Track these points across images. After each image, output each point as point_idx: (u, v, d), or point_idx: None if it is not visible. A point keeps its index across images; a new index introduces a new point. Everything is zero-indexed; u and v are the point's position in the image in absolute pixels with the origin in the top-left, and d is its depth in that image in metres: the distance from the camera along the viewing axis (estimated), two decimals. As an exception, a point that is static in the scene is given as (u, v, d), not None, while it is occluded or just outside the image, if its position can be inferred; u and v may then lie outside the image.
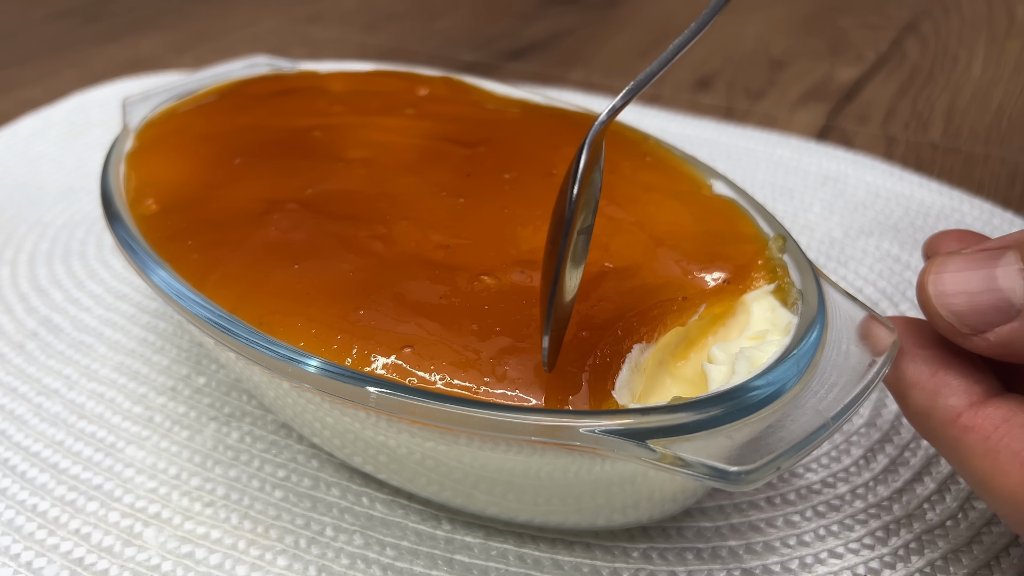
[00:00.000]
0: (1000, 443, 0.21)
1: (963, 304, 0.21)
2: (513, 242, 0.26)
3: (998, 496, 0.21)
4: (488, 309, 0.23)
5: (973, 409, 0.21)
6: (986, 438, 0.21)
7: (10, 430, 0.32)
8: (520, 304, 0.24)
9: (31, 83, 0.61)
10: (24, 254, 0.42)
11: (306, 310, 0.24)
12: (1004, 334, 0.21)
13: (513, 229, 0.26)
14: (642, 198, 0.28)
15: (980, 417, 0.21)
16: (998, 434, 0.21)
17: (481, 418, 0.20)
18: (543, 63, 0.65)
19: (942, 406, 0.22)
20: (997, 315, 0.21)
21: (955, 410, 0.22)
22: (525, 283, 0.24)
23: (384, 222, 0.27)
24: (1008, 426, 0.21)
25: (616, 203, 0.28)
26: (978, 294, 0.21)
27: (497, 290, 0.24)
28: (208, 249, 0.26)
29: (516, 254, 0.25)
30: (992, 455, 0.21)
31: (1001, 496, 0.21)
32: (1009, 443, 0.20)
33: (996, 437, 0.21)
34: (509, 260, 0.25)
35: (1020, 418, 0.21)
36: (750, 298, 0.25)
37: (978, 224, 0.43)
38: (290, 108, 0.34)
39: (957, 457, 0.22)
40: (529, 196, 0.28)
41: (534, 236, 0.26)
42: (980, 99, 0.57)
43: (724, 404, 0.21)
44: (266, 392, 0.27)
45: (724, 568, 0.26)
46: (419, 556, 0.27)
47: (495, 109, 0.34)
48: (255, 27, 0.74)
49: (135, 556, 0.27)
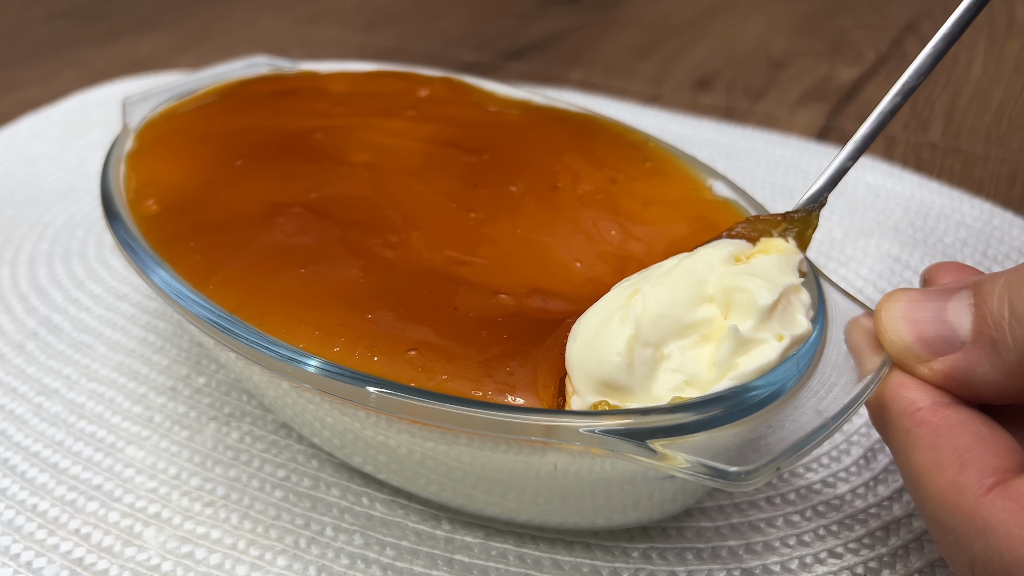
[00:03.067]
0: (949, 441, 0.21)
1: (910, 333, 0.22)
2: (530, 268, 0.26)
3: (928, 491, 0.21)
4: (501, 321, 0.23)
5: (933, 409, 0.22)
6: (937, 434, 0.21)
7: (10, 430, 0.32)
8: (537, 325, 0.24)
9: (31, 83, 0.61)
10: (24, 254, 0.42)
11: (310, 314, 0.24)
12: (948, 363, 0.21)
13: (529, 253, 0.27)
14: (643, 214, 0.28)
15: (938, 416, 0.21)
16: (949, 432, 0.21)
17: (481, 418, 0.21)
18: (543, 63, 0.65)
19: (903, 398, 0.22)
20: (942, 345, 0.21)
21: (915, 403, 0.22)
22: (544, 308, 0.24)
23: (395, 231, 0.27)
24: (962, 429, 0.21)
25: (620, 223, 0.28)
26: (925, 323, 0.22)
27: (515, 309, 0.24)
28: (211, 251, 0.26)
29: (533, 283, 0.25)
30: (936, 449, 0.21)
31: (931, 491, 0.20)
32: (956, 443, 0.20)
33: (947, 435, 0.21)
34: (529, 287, 0.25)
35: (977, 427, 0.21)
36: None
37: (978, 224, 0.43)
38: (291, 109, 0.34)
39: (903, 446, 0.22)
40: (538, 214, 0.28)
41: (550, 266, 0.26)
42: (980, 99, 0.57)
43: (724, 404, 0.21)
44: (266, 392, 0.27)
45: (724, 568, 0.26)
46: (419, 556, 0.27)
47: (496, 111, 0.34)
48: (255, 27, 0.74)
49: (135, 556, 0.27)
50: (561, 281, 0.25)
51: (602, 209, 0.28)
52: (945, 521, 0.20)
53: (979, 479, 0.20)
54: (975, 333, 0.21)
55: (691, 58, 0.65)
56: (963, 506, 0.20)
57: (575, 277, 0.26)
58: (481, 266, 0.26)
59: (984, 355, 0.21)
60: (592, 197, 0.29)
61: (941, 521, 0.20)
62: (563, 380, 0.22)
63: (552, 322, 0.24)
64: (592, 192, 0.29)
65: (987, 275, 0.22)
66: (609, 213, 0.28)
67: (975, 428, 0.21)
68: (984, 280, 0.21)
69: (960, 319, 0.21)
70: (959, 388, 0.21)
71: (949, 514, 0.20)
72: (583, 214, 0.28)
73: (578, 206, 0.28)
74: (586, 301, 0.24)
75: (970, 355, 0.21)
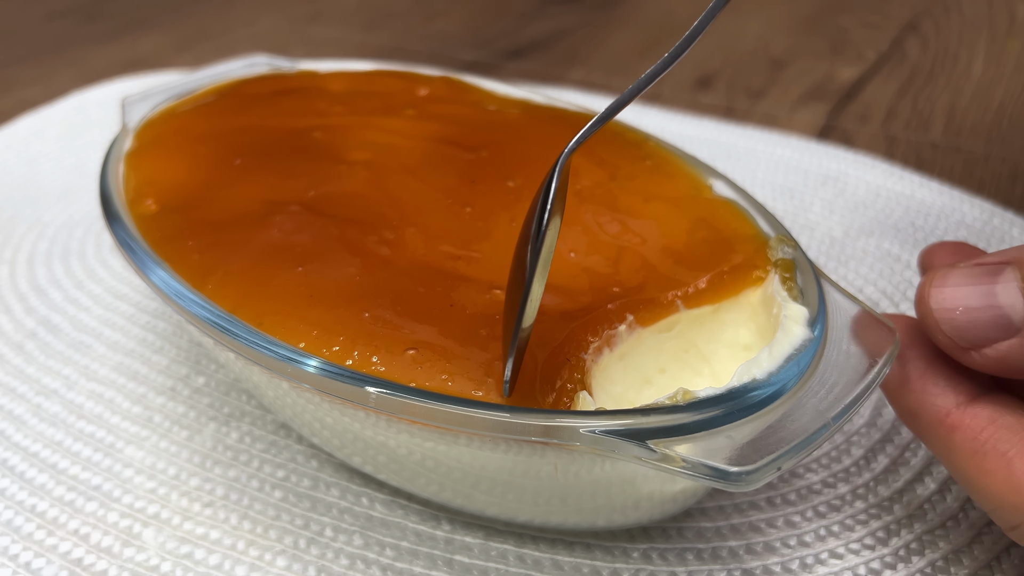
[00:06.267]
0: (987, 443, 0.21)
1: (963, 319, 0.21)
2: None
3: (985, 495, 0.21)
4: (499, 319, 0.23)
5: (960, 409, 0.22)
6: (974, 438, 0.21)
7: (9, 430, 0.32)
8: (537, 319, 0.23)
9: (30, 82, 0.61)
10: (23, 254, 0.42)
11: (309, 312, 0.24)
12: (1002, 350, 0.21)
13: None
14: (643, 210, 0.28)
15: (968, 416, 0.22)
16: (985, 434, 0.21)
17: (481, 418, 0.20)
18: (543, 62, 0.65)
19: (930, 405, 0.22)
20: (996, 331, 0.21)
21: (943, 409, 0.22)
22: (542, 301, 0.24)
23: (391, 227, 0.27)
24: (995, 427, 0.21)
25: (618, 218, 0.28)
26: (978, 310, 0.21)
27: None
28: (209, 250, 0.26)
29: None
30: (979, 455, 0.21)
31: (987, 495, 0.21)
32: (996, 444, 0.21)
33: (983, 437, 0.21)
34: None
35: (1006, 419, 0.21)
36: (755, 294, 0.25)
37: (978, 224, 0.43)
38: (290, 108, 0.34)
39: (946, 455, 0.22)
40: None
41: None
42: (981, 98, 0.57)
43: (724, 404, 0.21)
44: (265, 392, 0.27)
45: (724, 568, 0.26)
46: (419, 556, 0.27)
47: (496, 110, 0.34)
48: (254, 26, 0.74)
49: (134, 556, 0.27)
50: (554, 272, 0.25)
51: (600, 204, 0.28)
52: (1010, 519, 0.21)
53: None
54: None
55: (691, 57, 0.65)
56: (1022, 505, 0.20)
57: (569, 267, 0.26)
58: (476, 260, 0.26)
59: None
60: (591, 193, 0.29)
61: (1006, 518, 0.21)
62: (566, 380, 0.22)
63: (546, 315, 0.24)
64: (591, 188, 0.29)
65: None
66: (607, 208, 0.28)
67: (1005, 421, 0.21)
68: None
69: (1013, 302, 0.20)
70: (1011, 373, 0.21)
71: (1011, 513, 0.21)
72: (580, 209, 0.28)
73: (576, 201, 0.28)
74: (580, 292, 0.24)
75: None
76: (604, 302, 0.24)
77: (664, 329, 0.25)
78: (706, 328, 0.26)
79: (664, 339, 0.25)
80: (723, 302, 0.26)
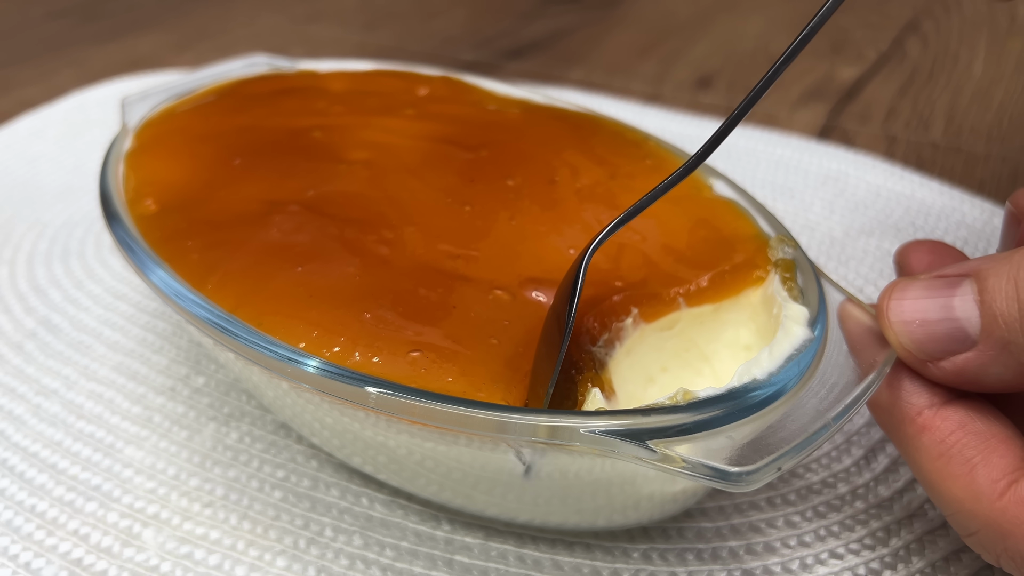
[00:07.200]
0: (953, 448, 0.21)
1: (921, 332, 0.21)
2: (524, 260, 0.26)
3: (945, 499, 0.21)
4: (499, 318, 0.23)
5: (933, 410, 0.22)
6: (941, 440, 0.21)
7: (9, 430, 0.32)
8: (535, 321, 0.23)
9: (30, 82, 0.61)
10: (23, 254, 0.42)
11: (309, 313, 0.24)
12: (959, 363, 0.21)
13: (523, 245, 0.26)
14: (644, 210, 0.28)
15: (939, 419, 0.21)
16: (953, 438, 0.21)
17: (481, 418, 0.20)
18: (543, 62, 0.65)
19: (903, 402, 0.22)
20: (953, 344, 0.21)
21: (915, 408, 0.22)
22: (540, 302, 0.24)
23: (390, 227, 0.27)
24: (963, 432, 0.21)
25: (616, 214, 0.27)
26: (935, 323, 0.21)
27: (511, 304, 0.24)
28: (208, 250, 0.26)
29: (528, 273, 0.25)
30: (944, 458, 0.21)
31: (947, 499, 0.21)
32: (962, 449, 0.21)
33: (951, 441, 0.21)
34: (523, 278, 0.25)
35: (976, 425, 0.21)
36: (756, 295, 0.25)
37: (979, 224, 0.43)
38: (289, 108, 0.34)
39: (912, 455, 0.22)
40: (534, 207, 0.28)
41: (545, 255, 0.26)
42: (981, 98, 0.57)
43: (724, 404, 0.20)
44: (265, 392, 0.27)
45: (724, 569, 0.26)
46: (419, 557, 0.27)
47: (495, 110, 0.34)
48: (254, 26, 0.74)
49: (134, 556, 0.27)
50: (555, 269, 0.25)
51: (599, 203, 0.28)
52: (967, 525, 0.21)
53: (990, 484, 0.20)
54: (985, 333, 0.20)
55: (692, 57, 0.65)
56: (980, 513, 0.20)
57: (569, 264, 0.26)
58: (476, 259, 0.25)
59: (996, 356, 0.20)
60: (590, 191, 0.29)
61: (963, 524, 0.21)
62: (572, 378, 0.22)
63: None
64: (590, 186, 0.29)
65: (986, 262, 0.21)
66: (607, 206, 0.28)
67: (975, 427, 0.21)
68: (986, 269, 0.21)
69: (969, 315, 0.21)
70: (969, 385, 0.21)
71: (968, 519, 0.21)
72: (580, 207, 0.28)
73: (575, 199, 0.28)
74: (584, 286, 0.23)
75: (982, 355, 0.20)
76: (608, 295, 0.24)
77: (666, 327, 0.25)
78: (707, 328, 0.26)
79: (666, 337, 0.25)
80: (724, 301, 0.26)
